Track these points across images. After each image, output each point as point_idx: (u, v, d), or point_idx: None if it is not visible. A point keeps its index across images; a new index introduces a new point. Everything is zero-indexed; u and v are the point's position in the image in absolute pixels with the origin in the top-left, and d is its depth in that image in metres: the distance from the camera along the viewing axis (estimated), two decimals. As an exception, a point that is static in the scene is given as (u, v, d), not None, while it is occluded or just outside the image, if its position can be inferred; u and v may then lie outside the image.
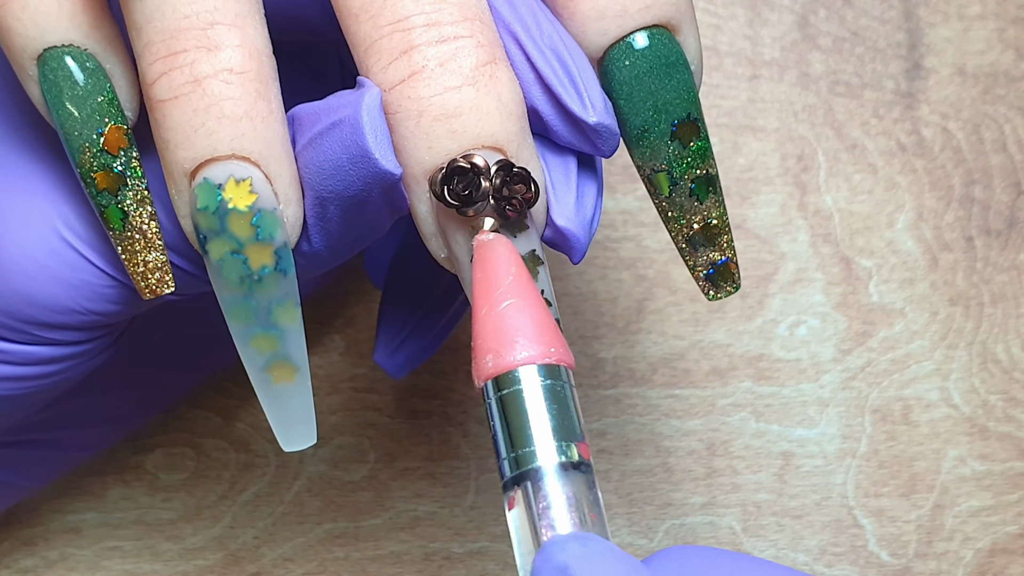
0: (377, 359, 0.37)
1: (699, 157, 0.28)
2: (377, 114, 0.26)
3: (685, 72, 0.28)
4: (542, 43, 0.27)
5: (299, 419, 0.29)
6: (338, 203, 0.27)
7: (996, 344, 0.44)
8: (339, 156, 0.26)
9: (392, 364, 0.37)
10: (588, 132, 0.27)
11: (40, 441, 0.37)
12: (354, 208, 0.27)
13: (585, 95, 0.27)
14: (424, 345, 0.37)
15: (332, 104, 0.27)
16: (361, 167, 0.26)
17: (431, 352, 0.38)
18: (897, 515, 0.43)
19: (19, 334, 0.30)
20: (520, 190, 0.26)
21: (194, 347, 0.40)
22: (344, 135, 0.26)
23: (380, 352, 0.37)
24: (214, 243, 0.27)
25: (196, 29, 0.26)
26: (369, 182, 0.26)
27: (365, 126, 0.26)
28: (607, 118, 0.27)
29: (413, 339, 0.37)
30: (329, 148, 0.26)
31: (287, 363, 0.28)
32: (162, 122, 0.26)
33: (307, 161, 0.27)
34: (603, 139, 0.27)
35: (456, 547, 0.42)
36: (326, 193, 0.27)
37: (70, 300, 0.30)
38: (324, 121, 0.26)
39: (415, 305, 0.37)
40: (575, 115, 0.27)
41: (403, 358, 0.37)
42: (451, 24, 0.26)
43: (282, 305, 0.27)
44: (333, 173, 0.26)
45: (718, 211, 0.29)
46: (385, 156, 0.26)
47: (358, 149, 0.26)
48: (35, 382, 0.31)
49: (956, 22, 0.45)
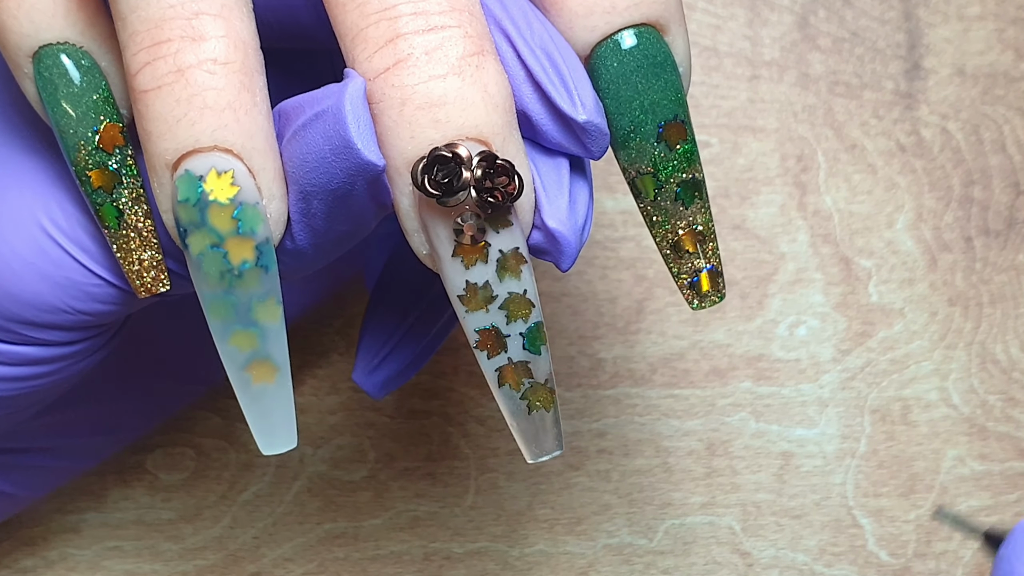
0: (355, 378, 0.36)
1: (685, 160, 0.28)
2: (360, 104, 0.26)
3: (673, 73, 0.28)
4: (532, 42, 0.27)
5: (278, 421, 0.28)
6: (322, 197, 0.26)
7: (995, 344, 0.43)
8: (322, 147, 0.26)
9: (371, 383, 0.36)
10: (577, 131, 0.27)
11: (37, 450, 0.37)
12: (338, 202, 0.26)
13: (575, 93, 0.27)
14: (407, 363, 0.36)
15: (316, 96, 0.26)
16: (344, 158, 0.26)
17: (413, 371, 0.36)
18: (896, 515, 0.43)
19: (6, 333, 0.30)
20: (503, 182, 0.25)
21: (192, 356, 0.39)
22: (327, 126, 0.26)
23: (359, 370, 0.36)
24: (194, 236, 0.26)
25: (181, 19, 0.26)
26: (352, 174, 0.26)
27: (348, 116, 0.25)
28: (597, 117, 0.27)
29: (395, 356, 0.36)
30: (312, 139, 0.26)
31: (267, 362, 0.28)
32: (145, 113, 0.26)
33: (291, 154, 0.26)
34: (592, 139, 0.27)
35: (456, 547, 0.42)
36: (310, 187, 0.26)
37: (56, 299, 0.29)
38: (308, 112, 0.26)
39: (401, 317, 0.36)
40: (564, 113, 0.27)
41: (382, 377, 0.36)
42: (439, 14, 0.26)
43: (263, 302, 0.27)
44: (316, 165, 0.26)
45: (704, 217, 0.28)
46: (368, 147, 0.25)
47: (341, 140, 0.26)
48: (26, 383, 0.31)
49: (956, 22, 0.45)
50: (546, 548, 0.42)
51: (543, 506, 0.43)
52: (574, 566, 0.42)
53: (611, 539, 0.42)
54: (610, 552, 0.42)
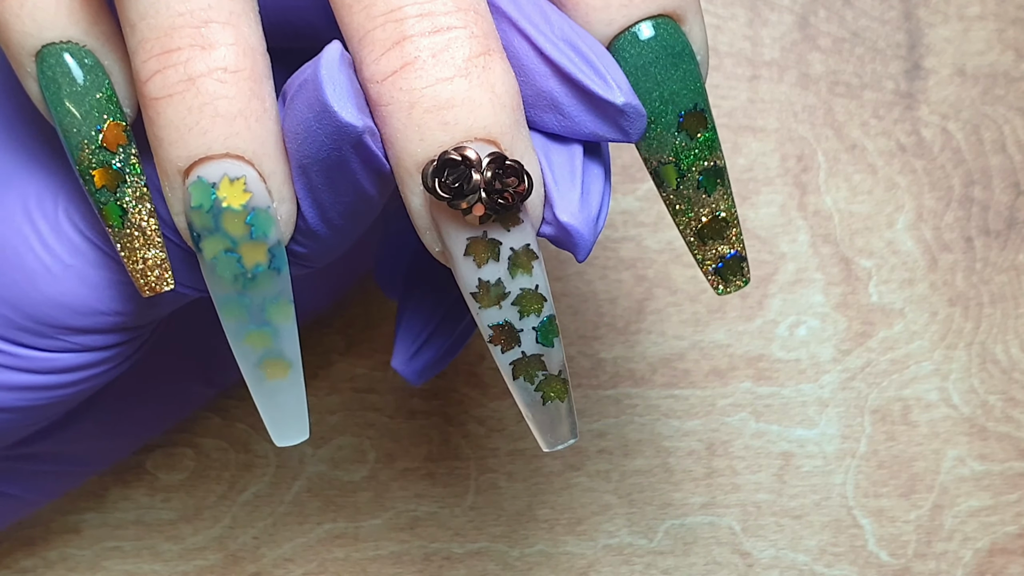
0: (395, 365, 0.37)
1: (707, 148, 0.28)
2: (336, 68, 0.26)
3: (691, 62, 0.28)
4: (553, 35, 0.27)
5: (292, 415, 0.29)
6: (317, 168, 0.26)
7: (995, 344, 0.44)
8: (307, 116, 0.26)
9: (410, 370, 0.37)
10: (615, 115, 0.27)
11: (47, 454, 0.37)
12: (332, 171, 0.27)
13: (608, 77, 0.27)
14: (442, 352, 0.37)
15: (303, 68, 0.26)
16: (325, 123, 0.26)
17: (449, 359, 0.37)
18: (896, 515, 0.43)
19: (44, 340, 0.30)
20: (512, 183, 0.26)
21: (205, 361, 0.39)
22: (308, 94, 0.26)
23: (398, 358, 0.37)
24: (208, 241, 0.27)
25: (190, 27, 0.26)
26: (336, 139, 0.26)
27: (324, 80, 0.25)
28: (634, 98, 0.27)
29: (431, 345, 0.37)
30: (299, 110, 0.26)
31: (280, 359, 0.28)
32: (156, 120, 0.26)
33: (286, 129, 0.27)
34: (630, 120, 0.27)
35: (456, 547, 0.42)
36: (305, 159, 0.26)
37: (97, 301, 0.30)
38: (295, 84, 0.26)
39: (433, 311, 0.37)
40: (601, 98, 0.27)
41: (421, 364, 0.37)
42: (444, 15, 0.26)
43: (276, 303, 0.27)
44: (306, 136, 0.26)
45: (726, 203, 0.28)
46: (344, 108, 0.25)
47: (320, 105, 0.26)
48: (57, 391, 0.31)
49: (956, 22, 0.45)
50: (546, 548, 0.42)
51: (543, 506, 0.43)
52: (574, 566, 0.42)
53: (611, 539, 0.43)
54: (610, 552, 0.42)
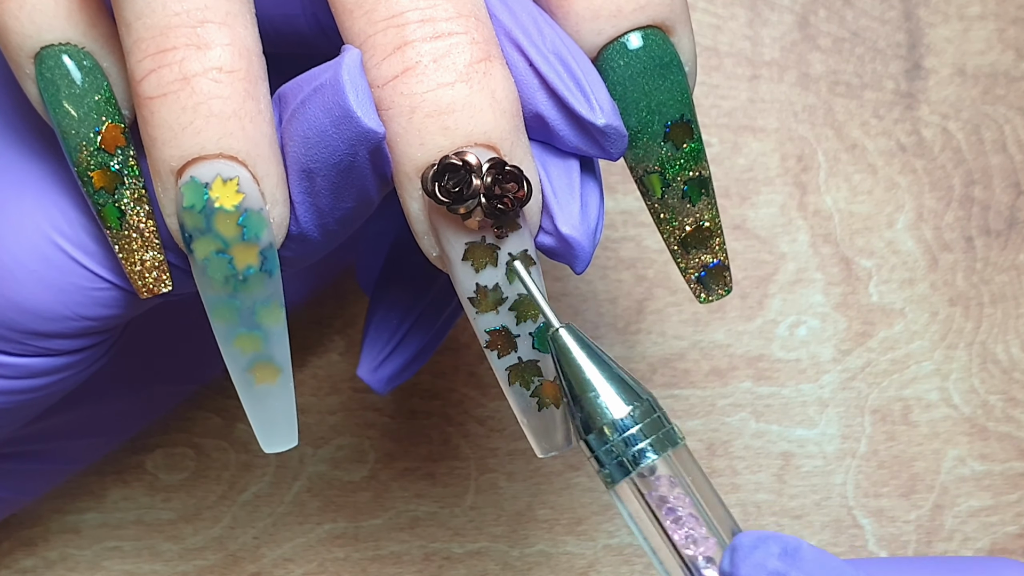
0: (360, 374, 0.37)
1: (692, 159, 0.28)
2: (358, 74, 0.26)
3: (679, 73, 0.28)
4: (544, 48, 0.27)
5: (280, 421, 0.29)
6: (325, 173, 0.26)
7: (996, 344, 0.44)
8: (322, 120, 0.26)
9: (377, 379, 0.37)
10: (596, 135, 0.27)
11: (28, 454, 0.37)
12: (341, 176, 0.27)
13: (592, 97, 0.27)
14: (412, 357, 0.37)
15: (314, 72, 0.26)
16: (344, 128, 0.26)
17: (418, 366, 0.37)
18: (897, 515, 0.43)
19: (12, 344, 0.30)
20: (512, 188, 0.26)
21: (184, 357, 0.39)
22: (326, 98, 0.26)
23: (364, 367, 0.37)
24: (199, 242, 0.26)
25: (186, 27, 0.26)
26: (353, 144, 0.26)
27: (346, 85, 0.25)
28: (615, 119, 0.27)
29: (400, 352, 0.36)
30: (312, 114, 0.26)
31: (270, 364, 0.28)
32: (150, 119, 0.26)
33: (292, 133, 0.27)
34: (611, 141, 0.27)
35: (456, 547, 0.42)
36: (312, 163, 0.26)
37: (62, 306, 0.29)
38: (306, 89, 0.26)
39: (405, 313, 0.36)
40: (583, 118, 0.27)
41: (388, 372, 0.37)
42: (445, 20, 0.26)
43: (267, 306, 0.27)
44: (318, 140, 0.26)
45: (710, 213, 0.29)
46: (368, 114, 0.26)
47: (340, 110, 0.26)
48: (27, 395, 0.31)
49: (956, 22, 0.45)
50: (546, 548, 0.42)
51: (543, 506, 0.43)
52: (574, 566, 0.42)
53: (611, 539, 0.43)
54: (610, 552, 0.42)
